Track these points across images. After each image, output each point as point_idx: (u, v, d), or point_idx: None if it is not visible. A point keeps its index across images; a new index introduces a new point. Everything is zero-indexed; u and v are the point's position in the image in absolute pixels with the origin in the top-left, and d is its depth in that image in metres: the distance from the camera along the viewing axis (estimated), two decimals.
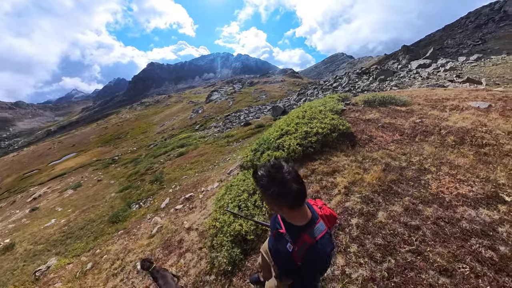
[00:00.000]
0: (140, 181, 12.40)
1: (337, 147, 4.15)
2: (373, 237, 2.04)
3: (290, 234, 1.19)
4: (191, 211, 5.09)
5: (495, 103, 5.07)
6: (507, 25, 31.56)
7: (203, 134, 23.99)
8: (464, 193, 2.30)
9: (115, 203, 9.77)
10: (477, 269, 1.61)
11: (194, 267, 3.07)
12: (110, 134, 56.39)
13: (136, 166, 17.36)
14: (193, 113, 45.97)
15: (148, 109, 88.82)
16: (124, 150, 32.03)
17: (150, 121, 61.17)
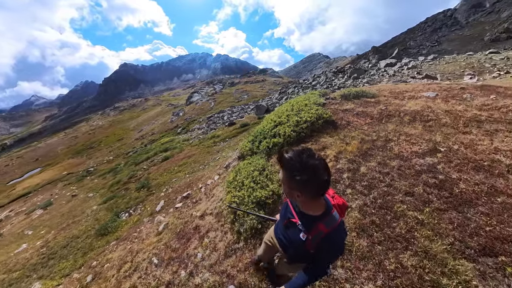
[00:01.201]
0: (125, 190, 12.06)
1: (323, 131, 5.07)
2: (360, 182, 2.98)
3: (303, 224, 1.21)
4: (197, 204, 5.28)
5: (441, 93, 6.42)
6: (457, 29, 36.41)
7: (186, 137, 23.70)
8: (416, 150, 3.36)
9: (100, 216, 9.42)
10: (427, 190, 2.61)
11: (221, 241, 3.27)
12: (81, 144, 52.41)
13: (116, 176, 16.73)
14: (174, 116, 44.97)
15: (123, 114, 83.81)
16: (99, 160, 30.30)
17: (126, 127, 58.00)
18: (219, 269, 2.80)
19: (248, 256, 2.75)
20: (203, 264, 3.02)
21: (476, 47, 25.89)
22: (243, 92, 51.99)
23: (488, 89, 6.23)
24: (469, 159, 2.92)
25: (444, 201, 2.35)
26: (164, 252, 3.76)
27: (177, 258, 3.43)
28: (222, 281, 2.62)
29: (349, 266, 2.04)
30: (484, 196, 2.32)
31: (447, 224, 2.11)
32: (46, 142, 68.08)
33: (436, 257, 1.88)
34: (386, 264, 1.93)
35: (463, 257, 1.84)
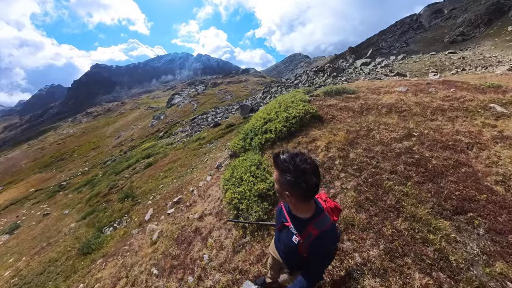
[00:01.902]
0: (106, 202, 11.30)
1: (311, 125, 5.41)
2: (351, 166, 3.33)
3: (295, 227, 1.24)
4: (192, 206, 5.15)
5: (411, 88, 7.15)
6: (422, 32, 40.21)
7: (169, 141, 22.82)
8: (394, 136, 3.81)
9: (80, 233, 8.72)
10: (407, 167, 3.02)
11: (226, 238, 3.25)
12: (50, 156, 47.26)
13: (94, 188, 15.49)
14: (155, 120, 43.16)
15: (98, 120, 77.83)
16: (72, 173, 27.72)
17: (101, 134, 53.76)
18: (229, 266, 2.76)
19: (257, 248, 2.79)
20: (211, 265, 2.95)
21: (438, 48, 28.82)
22: (226, 93, 51.69)
23: (448, 84, 7.08)
24: (437, 141, 3.42)
25: (421, 176, 2.78)
26: (164, 261, 3.59)
27: (180, 265, 3.30)
28: (236, 278, 2.57)
29: (354, 238, 2.30)
30: (451, 168, 2.80)
31: (426, 193, 2.52)
32: (7, 157, 60.21)
33: (422, 219, 2.27)
34: (384, 231, 2.25)
35: (442, 217, 2.26)
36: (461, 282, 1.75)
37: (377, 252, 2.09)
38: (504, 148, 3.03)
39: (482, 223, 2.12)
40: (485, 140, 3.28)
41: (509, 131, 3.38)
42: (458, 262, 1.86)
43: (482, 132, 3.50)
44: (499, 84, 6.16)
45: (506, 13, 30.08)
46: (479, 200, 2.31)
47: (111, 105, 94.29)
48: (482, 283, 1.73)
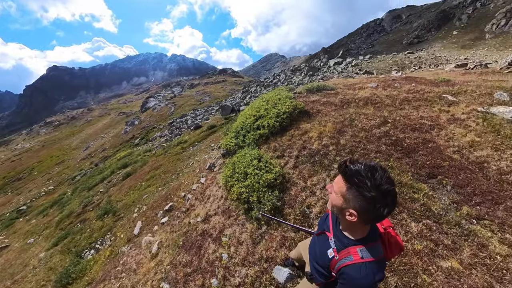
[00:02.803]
0: (81, 222, 10.14)
1: (300, 119, 5.86)
2: (343, 150, 3.85)
3: (336, 241, 1.10)
4: (191, 211, 4.99)
5: (380, 84, 8.10)
6: (384, 35, 44.63)
7: (147, 147, 21.63)
8: (373, 124, 4.45)
9: (54, 263, 7.68)
10: (387, 147, 3.62)
11: (242, 233, 3.22)
12: (2, 177, 40.50)
13: (63, 209, 13.70)
14: (128, 126, 40.43)
15: (60, 130, 69.47)
16: (33, 194, 24.12)
17: (66, 146, 48.23)
18: (254, 258, 2.78)
19: (277, 234, 2.92)
20: (234, 262, 2.91)
21: (398, 49, 32.29)
22: (205, 94, 50.84)
23: (410, 80, 8.19)
24: (407, 125, 4.13)
25: (399, 152, 3.40)
26: (174, 271, 3.35)
27: (195, 271, 3.15)
28: (264, 267, 2.60)
29: None
30: (421, 145, 3.47)
31: (405, 165, 3.13)
32: None
33: (407, 184, 2.87)
34: None
35: (420, 181, 2.89)
36: (443, 224, 2.39)
37: None
38: (456, 127, 3.83)
39: (448, 182, 2.79)
40: (442, 122, 4.07)
41: (459, 114, 4.23)
42: (438, 210, 2.51)
43: (440, 116, 4.31)
44: (449, 78, 7.37)
45: (451, 19, 35.15)
46: (444, 166, 2.98)
47: (76, 113, 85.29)
48: (457, 222, 2.37)
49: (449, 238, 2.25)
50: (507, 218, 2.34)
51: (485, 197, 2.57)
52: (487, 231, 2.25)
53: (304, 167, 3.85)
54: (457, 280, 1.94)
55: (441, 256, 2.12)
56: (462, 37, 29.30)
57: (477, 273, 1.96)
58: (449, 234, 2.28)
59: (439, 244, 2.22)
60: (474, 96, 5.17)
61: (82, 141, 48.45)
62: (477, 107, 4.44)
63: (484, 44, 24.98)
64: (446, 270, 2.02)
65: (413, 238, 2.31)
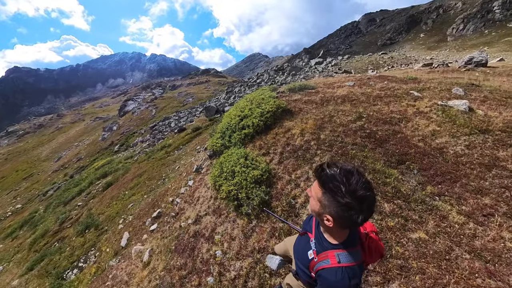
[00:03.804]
0: (59, 240, 9.40)
1: (283, 117, 6.09)
2: (323, 144, 4.12)
3: (317, 244, 1.12)
4: (181, 214, 4.99)
5: (356, 82, 8.64)
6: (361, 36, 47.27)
7: (128, 154, 20.75)
8: (350, 119, 4.81)
9: None
10: (363, 140, 3.95)
11: (233, 229, 3.35)
12: None
13: (36, 228, 12.47)
14: (106, 132, 38.10)
15: (25, 140, 63.34)
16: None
17: (34, 158, 44.12)
18: (247, 251, 2.92)
19: (266, 226, 3.12)
20: (228, 257, 3.02)
21: (373, 49, 34.39)
22: (188, 95, 49.75)
23: (383, 78, 8.84)
24: (380, 119, 4.54)
25: (373, 144, 3.75)
26: (170, 276, 3.36)
27: (191, 273, 3.19)
28: (257, 258, 2.76)
29: None
30: (391, 136, 3.87)
31: (378, 154, 3.49)
32: None
33: (380, 171, 3.21)
34: None
35: (391, 167, 3.26)
36: (411, 202, 2.75)
37: None
38: (421, 119, 4.30)
39: (415, 166, 3.20)
40: (409, 115, 4.54)
41: (423, 108, 4.74)
42: (407, 191, 2.88)
43: (407, 110, 4.78)
44: (416, 77, 8.09)
45: (419, 23, 38.33)
46: (411, 153, 3.38)
47: (43, 120, 78.18)
48: (422, 200, 2.74)
49: (416, 213, 2.59)
50: (463, 193, 2.74)
51: (444, 177, 2.96)
52: (447, 205, 2.62)
53: (288, 162, 4.06)
54: (424, 247, 2.25)
55: (410, 230, 2.44)
56: (428, 39, 32.09)
57: (440, 240, 2.29)
58: (416, 210, 2.63)
59: (409, 219, 2.54)
60: (436, 92, 5.79)
61: (52, 151, 44.57)
62: (438, 101, 5.00)
63: (446, 45, 27.60)
64: (415, 240, 2.32)
65: (387, 217, 2.62)
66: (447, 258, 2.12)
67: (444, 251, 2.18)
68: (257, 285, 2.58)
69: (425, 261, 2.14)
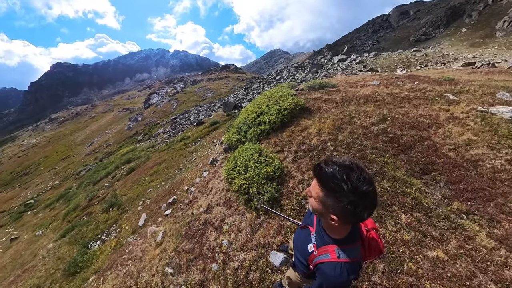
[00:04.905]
0: (87, 215, 10.47)
1: (300, 116, 5.93)
2: (341, 146, 3.95)
3: (317, 237, 1.13)
4: (194, 203, 5.14)
5: (382, 81, 8.08)
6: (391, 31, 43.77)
7: (150, 143, 21.90)
8: (372, 121, 4.51)
9: (62, 253, 7.98)
10: (384, 144, 3.70)
11: (241, 222, 3.38)
12: (10, 172, 42.09)
13: (69, 202, 14.02)
14: (131, 122, 40.86)
15: (65, 126, 70.55)
16: (40, 188, 25.07)
17: (71, 142, 49.06)
18: (252, 244, 2.96)
19: (274, 223, 3.12)
20: (233, 248, 3.10)
21: (405, 46, 31.73)
22: (207, 90, 50.91)
23: (413, 78, 8.15)
24: (406, 122, 4.19)
25: (396, 149, 3.49)
26: (178, 258, 3.54)
27: (197, 258, 3.34)
28: (261, 252, 2.80)
29: None
30: (417, 142, 3.55)
31: (401, 161, 3.24)
32: None
33: (400, 179, 2.98)
34: None
35: (414, 177, 3.00)
36: (433, 217, 2.51)
37: None
38: (455, 126, 3.88)
39: (442, 178, 2.90)
40: (441, 121, 4.12)
41: (458, 113, 4.27)
42: (429, 204, 2.63)
43: (439, 115, 4.35)
44: (453, 77, 7.32)
45: (461, 16, 34.25)
46: (439, 163, 3.07)
47: (80, 109, 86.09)
48: (446, 216, 2.49)
49: (437, 230, 2.36)
50: (497, 214, 2.43)
51: (476, 193, 2.65)
52: (476, 226, 2.34)
53: (302, 161, 3.95)
54: (442, 268, 2.04)
55: (428, 247, 2.23)
56: (472, 34, 28.62)
57: (462, 263, 2.06)
58: (437, 226, 2.39)
59: (427, 235, 2.32)
60: (476, 96, 5.18)
61: (86, 137, 49.17)
62: (477, 106, 4.46)
63: (494, 42, 24.39)
64: (432, 259, 2.12)
65: (402, 229, 2.42)
66: (467, 284, 1.91)
67: (465, 276, 1.96)
68: (258, 278, 2.62)
69: (440, 283, 1.95)
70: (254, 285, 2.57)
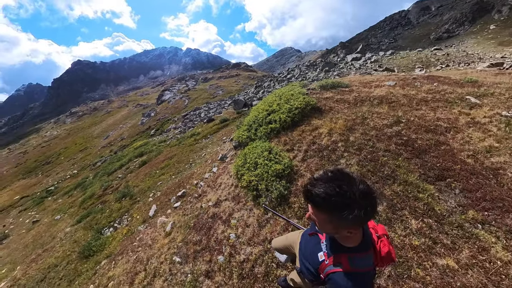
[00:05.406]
0: (102, 203, 11.05)
1: (312, 115, 5.89)
2: (352, 147, 3.87)
3: (328, 245, 1.09)
4: (203, 196, 5.22)
5: (398, 82, 7.80)
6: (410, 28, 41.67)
7: (162, 138, 22.65)
8: (385, 123, 4.39)
9: (77, 237, 8.45)
10: (397, 147, 3.60)
11: (249, 217, 3.45)
12: (34, 160, 45.19)
13: (86, 191, 14.92)
14: (145, 117, 42.32)
15: (83, 120, 74.51)
16: (60, 177, 26.81)
17: (88, 135, 51.81)
18: (258, 239, 3.02)
19: (281, 220, 3.15)
20: (240, 242, 3.17)
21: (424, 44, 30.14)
22: (218, 88, 51.38)
23: (432, 79, 7.79)
24: (422, 125, 4.04)
25: (409, 153, 3.38)
26: (186, 248, 3.66)
27: (204, 249, 3.43)
28: (267, 247, 2.86)
29: None
30: (433, 146, 3.42)
31: (414, 165, 3.14)
32: None
33: (412, 184, 2.90)
34: (385, 192, 2.88)
35: (427, 182, 2.90)
36: (445, 224, 2.44)
37: (382, 208, 2.72)
38: (475, 131, 3.69)
39: (457, 185, 2.79)
40: (460, 125, 3.93)
41: (479, 118, 4.05)
42: (442, 211, 2.54)
43: (458, 119, 4.15)
44: (476, 79, 6.90)
45: (489, 12, 31.81)
46: (455, 169, 2.96)
47: (97, 104, 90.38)
48: (460, 224, 2.41)
49: (449, 238, 2.29)
50: None
51: (495, 203, 2.53)
52: (492, 237, 2.25)
53: (312, 160, 3.94)
54: (451, 277, 1.99)
55: (438, 254, 2.17)
56: (501, 32, 26.60)
57: (473, 274, 1.99)
58: (449, 234, 2.32)
59: (438, 242, 2.26)
60: (502, 99, 4.87)
61: (103, 130, 51.54)
62: (501, 111, 4.21)
63: None
64: (441, 267, 2.07)
65: (412, 234, 2.38)
66: None
67: (475, 287, 1.90)
68: (263, 272, 2.68)
69: None
70: (259, 279, 2.63)
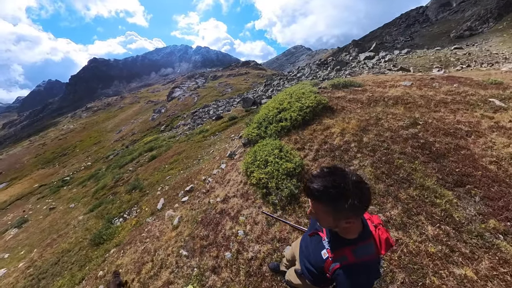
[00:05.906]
0: (113, 194, 11.46)
1: (323, 115, 5.78)
2: (365, 148, 3.80)
3: (330, 241, 1.10)
4: (211, 192, 5.23)
5: (415, 82, 7.50)
6: (428, 26, 39.76)
7: (172, 134, 23.08)
8: (401, 124, 4.24)
9: (89, 225, 8.82)
10: (414, 150, 3.49)
11: (258, 214, 3.44)
12: (51, 152, 47.93)
13: (98, 182, 15.52)
14: (155, 114, 43.38)
15: (98, 114, 77.74)
16: (75, 168, 28.30)
17: (102, 129, 54.12)
18: (267, 237, 3.00)
19: (291, 219, 3.14)
20: (248, 239, 3.14)
21: (444, 43, 28.71)
22: (227, 85, 51.54)
23: (452, 79, 7.44)
24: (440, 128, 3.87)
25: (426, 156, 3.26)
26: (193, 242, 3.68)
27: (211, 244, 3.43)
28: (276, 246, 2.84)
29: (377, 202, 2.82)
30: (452, 151, 3.27)
31: (431, 170, 3.02)
32: (8, 153, 60.10)
33: (429, 189, 2.81)
34: (400, 196, 2.80)
35: (445, 188, 2.79)
36: (464, 233, 2.34)
37: (396, 212, 2.65)
38: (499, 136, 3.49)
39: (478, 192, 2.66)
40: (482, 129, 3.73)
41: (504, 122, 3.82)
42: (461, 218, 2.44)
43: (481, 123, 3.94)
44: (501, 81, 6.50)
45: None
46: (476, 176, 2.82)
47: (111, 100, 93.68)
48: (480, 233, 2.30)
49: (467, 247, 2.19)
50: None
51: None
52: None
53: (324, 160, 3.89)
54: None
55: (455, 263, 2.09)
56: None
57: (493, 286, 1.90)
58: (468, 243, 2.22)
59: (455, 251, 2.18)
60: None
61: (115, 125, 53.55)
62: None
63: None
64: (459, 276, 1.99)
65: (428, 240, 2.30)
66: None
67: None
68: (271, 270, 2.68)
69: None
70: (267, 277, 2.63)
